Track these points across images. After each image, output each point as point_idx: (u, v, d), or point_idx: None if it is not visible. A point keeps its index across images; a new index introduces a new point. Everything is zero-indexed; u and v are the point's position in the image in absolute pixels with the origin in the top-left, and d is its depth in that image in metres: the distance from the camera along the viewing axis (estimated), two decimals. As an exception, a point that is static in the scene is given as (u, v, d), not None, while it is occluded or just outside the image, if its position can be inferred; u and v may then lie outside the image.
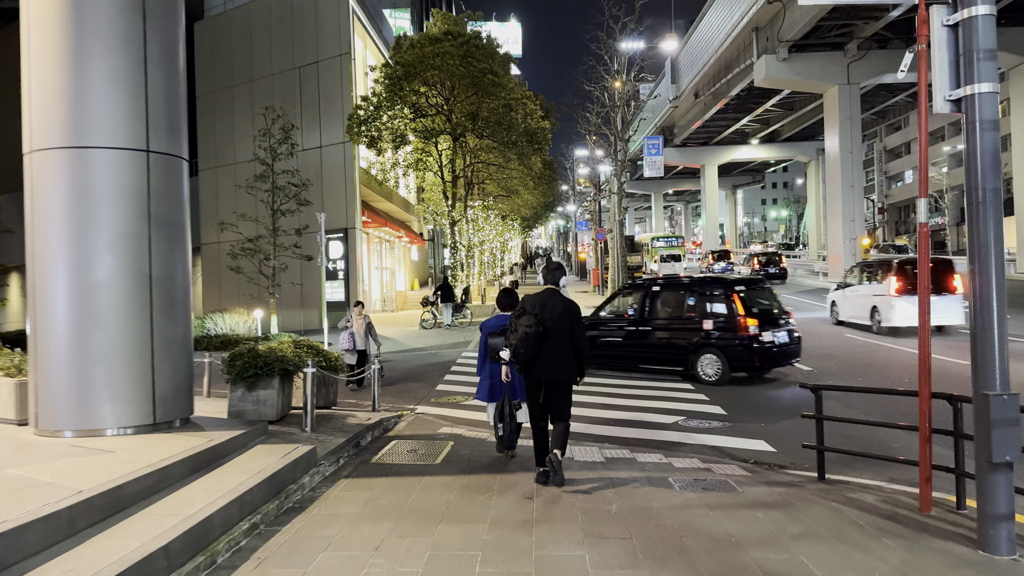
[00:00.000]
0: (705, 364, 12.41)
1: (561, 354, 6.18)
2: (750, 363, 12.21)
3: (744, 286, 12.85)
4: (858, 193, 35.71)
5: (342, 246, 25.31)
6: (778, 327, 12.54)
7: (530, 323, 6.08)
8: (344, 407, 10.92)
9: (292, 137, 22.36)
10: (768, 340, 12.19)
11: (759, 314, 12.39)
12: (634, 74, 25.08)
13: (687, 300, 13.05)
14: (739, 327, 12.18)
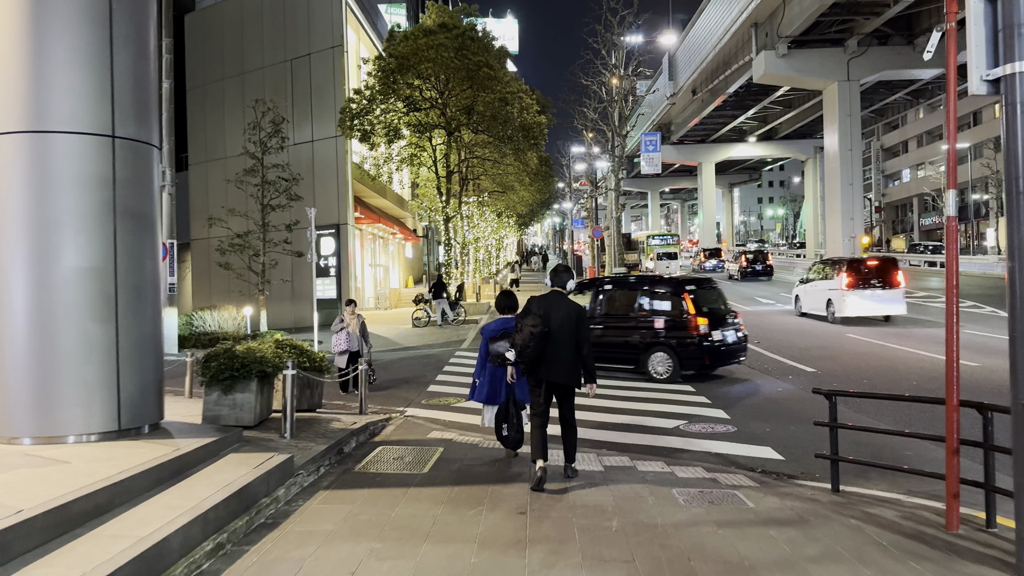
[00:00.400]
0: (656, 362, 12.59)
1: (566, 356, 6.19)
2: (700, 361, 12.45)
3: (694, 286, 13.17)
4: (857, 191, 35.34)
5: (334, 242, 24.82)
6: (726, 326, 12.82)
7: (535, 323, 6.08)
8: (332, 409, 10.45)
9: (282, 131, 21.88)
10: (718, 339, 12.47)
11: (709, 313, 12.63)
12: (632, 69, 24.61)
13: (639, 300, 13.28)
14: (690, 326, 12.43)
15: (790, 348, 16.08)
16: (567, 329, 6.17)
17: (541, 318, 6.12)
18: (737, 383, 12.29)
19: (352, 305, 12.01)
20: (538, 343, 6.06)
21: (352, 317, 11.65)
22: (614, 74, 24.13)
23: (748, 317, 22.47)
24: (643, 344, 12.73)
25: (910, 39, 34.75)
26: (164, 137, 22.36)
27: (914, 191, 77.25)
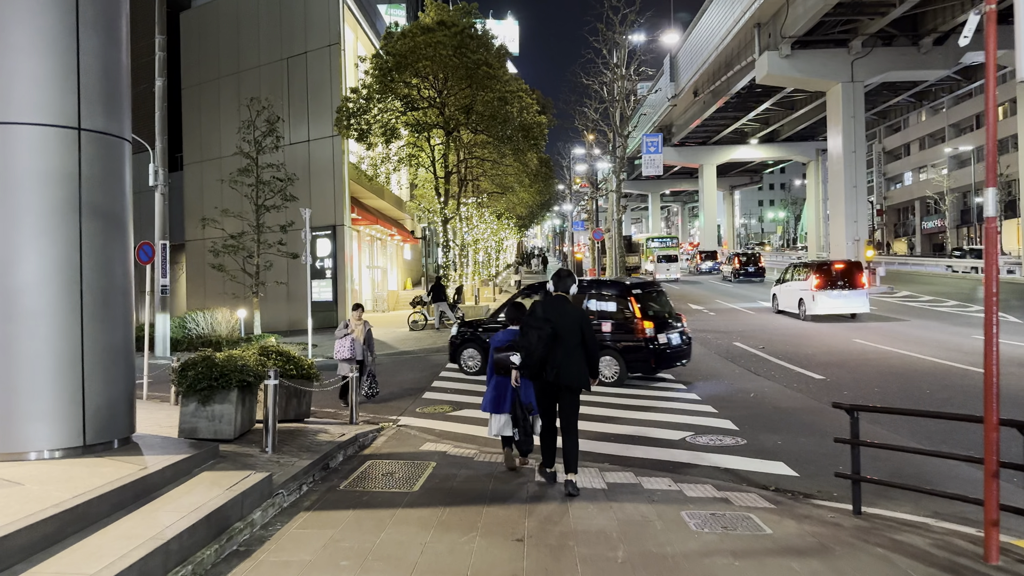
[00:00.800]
0: (603, 366, 12.43)
1: (573, 357, 6.24)
2: (646, 364, 12.61)
3: (640, 290, 13.30)
4: (861, 193, 34.88)
5: (330, 244, 24.37)
6: (671, 329, 13.03)
7: (542, 326, 6.17)
8: (322, 418, 10.01)
9: (277, 129, 21.45)
10: (663, 342, 12.63)
11: (654, 317, 12.80)
12: (634, 69, 24.17)
13: (586, 304, 13.19)
14: (636, 329, 12.56)
15: (796, 355, 15.62)
16: (573, 332, 6.23)
17: (547, 321, 6.19)
18: (744, 392, 11.83)
19: (359, 311, 11.11)
20: (545, 346, 6.12)
21: (358, 323, 10.89)
22: (616, 73, 23.67)
23: (736, 315, 25.15)
24: None
25: (915, 40, 34.31)
26: (157, 136, 21.93)
27: (916, 194, 76.85)
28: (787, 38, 33.64)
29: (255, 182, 21.29)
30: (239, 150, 21.49)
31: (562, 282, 6.57)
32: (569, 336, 6.20)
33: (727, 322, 22.69)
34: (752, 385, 12.36)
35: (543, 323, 6.18)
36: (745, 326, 21.41)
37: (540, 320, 6.23)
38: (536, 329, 6.16)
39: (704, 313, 25.67)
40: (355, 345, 10.56)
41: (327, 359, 18.06)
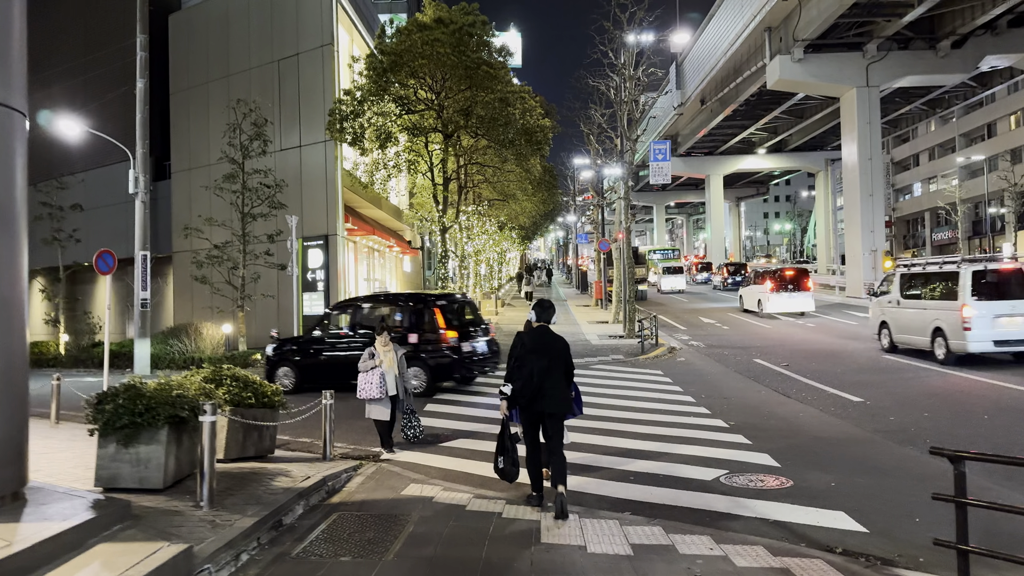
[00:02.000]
0: (411, 377, 12.48)
1: (559, 386, 6.43)
2: (451, 373, 13.00)
3: (445, 301, 13.72)
4: (878, 202, 33.54)
5: (322, 254, 23.05)
6: (476, 338, 13.54)
7: (538, 359, 6.33)
8: (295, 449, 8.66)
9: (264, 133, 20.20)
10: (468, 350, 13.10)
11: (459, 326, 13.23)
12: (642, 71, 22.88)
13: (394, 316, 13.65)
14: (440, 340, 12.89)
15: (823, 372, 14.23)
16: (558, 362, 6.44)
17: (541, 353, 6.36)
18: (774, 417, 10.45)
19: (385, 333, 8.85)
20: (540, 377, 6.27)
21: (386, 349, 8.66)
22: (623, 75, 22.40)
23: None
24: None
25: (932, 43, 33.06)
26: (138, 140, 20.68)
27: (926, 205, 75.53)
28: (800, 41, 32.42)
29: (241, 189, 20.02)
30: (224, 155, 20.24)
31: (545, 312, 6.71)
32: (555, 365, 6.41)
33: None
34: (784, 410, 10.97)
35: (537, 355, 6.35)
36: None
37: (533, 353, 6.38)
38: (532, 362, 6.32)
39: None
40: (385, 380, 8.49)
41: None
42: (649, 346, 18.53)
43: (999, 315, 13.96)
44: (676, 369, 15.56)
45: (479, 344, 13.55)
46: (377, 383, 8.39)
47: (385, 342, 8.72)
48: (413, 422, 8.83)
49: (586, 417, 10.50)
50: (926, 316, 15.40)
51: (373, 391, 8.40)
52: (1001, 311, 13.95)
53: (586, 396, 12.58)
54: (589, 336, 22.08)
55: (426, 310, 13.27)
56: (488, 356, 13.78)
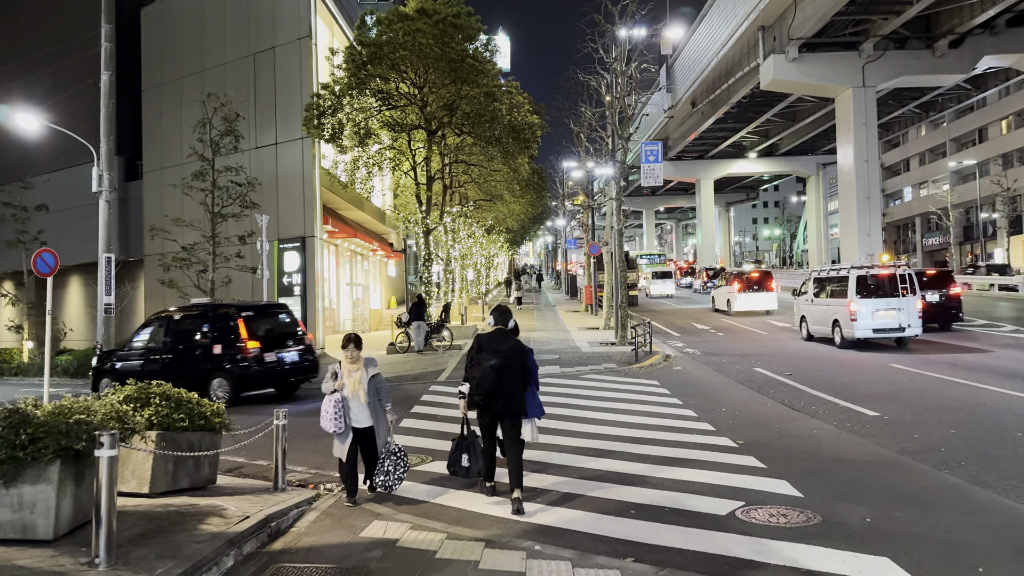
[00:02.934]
0: (216, 387, 12.79)
1: (516, 386, 6.63)
2: (253, 383, 13.01)
3: (253, 312, 13.73)
4: (875, 205, 32.74)
5: (299, 257, 21.92)
6: (286, 348, 13.55)
7: (491, 358, 6.54)
8: (242, 475, 7.57)
9: (236, 129, 19.09)
10: (272, 360, 13.07)
11: (265, 337, 13.22)
12: (635, 66, 21.92)
13: (202, 327, 13.68)
14: (242, 350, 12.93)
15: (831, 383, 13.25)
16: (516, 363, 6.64)
17: (495, 353, 6.57)
18: (787, 435, 9.43)
19: (351, 347, 6.77)
20: (495, 377, 6.49)
21: (353, 367, 6.73)
22: (616, 70, 21.43)
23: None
24: (205, 371, 12.98)
25: (929, 42, 32.33)
26: (102, 137, 19.49)
27: (916, 210, 75.16)
28: (795, 40, 31.61)
29: (211, 187, 18.89)
30: (194, 151, 19.11)
31: (502, 317, 7.00)
32: (512, 367, 6.60)
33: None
34: (797, 427, 9.95)
35: (491, 355, 6.57)
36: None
37: (487, 353, 6.62)
38: (487, 362, 6.54)
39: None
40: (346, 407, 6.63)
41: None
42: (643, 354, 17.51)
43: (877, 309, 17.62)
44: (673, 379, 14.53)
45: (288, 355, 13.57)
46: (332, 412, 6.51)
47: (353, 357, 6.72)
48: (388, 466, 6.67)
49: (579, 435, 9.47)
50: (828, 311, 19.07)
51: (328, 422, 6.56)
52: (879, 307, 17.64)
53: (577, 410, 11.58)
54: (579, 343, 21.04)
55: (230, 320, 13.29)
56: (301, 366, 13.79)
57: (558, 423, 10.31)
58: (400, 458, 6.74)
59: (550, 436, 9.40)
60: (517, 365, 6.64)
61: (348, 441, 6.62)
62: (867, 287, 17.93)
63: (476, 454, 6.79)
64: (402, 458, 6.75)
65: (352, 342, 6.79)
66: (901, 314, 17.51)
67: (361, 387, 6.68)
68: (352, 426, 6.67)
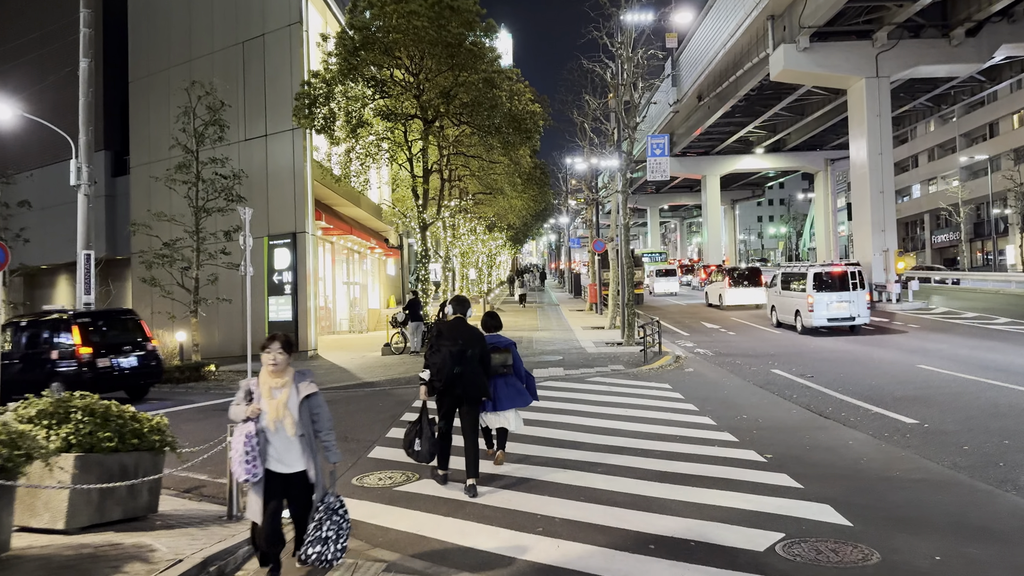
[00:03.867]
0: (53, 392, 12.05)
1: (476, 372, 6.85)
2: (87, 387, 12.65)
3: (91, 319, 14.13)
4: (889, 199, 31.58)
5: (290, 254, 20.88)
6: (124, 354, 13.93)
7: (452, 345, 6.73)
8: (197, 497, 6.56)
9: (223, 119, 18.10)
10: (105, 365, 13.46)
11: (101, 343, 13.61)
12: (641, 52, 20.89)
13: (43, 334, 14.11)
14: (75, 355, 13.33)
15: (856, 386, 12.21)
16: (475, 350, 6.83)
17: (455, 341, 6.77)
18: (819, 448, 8.39)
19: (275, 350, 4.59)
20: (456, 362, 6.67)
21: (277, 381, 4.58)
22: (620, 56, 20.39)
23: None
24: (45, 375, 12.86)
25: (945, 31, 31.18)
26: (81, 127, 18.43)
27: (925, 207, 74.07)
28: (806, 28, 30.48)
29: (195, 180, 17.91)
30: (176, 142, 18.14)
31: (460, 306, 7.34)
32: (472, 354, 6.76)
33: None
34: (828, 437, 8.91)
35: (451, 343, 6.72)
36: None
37: (448, 340, 6.76)
38: (447, 348, 6.68)
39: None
40: (266, 443, 4.51)
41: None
42: (652, 355, 16.46)
43: (831, 302, 20.33)
44: (686, 382, 13.49)
45: (125, 360, 13.94)
46: (243, 451, 4.34)
47: (276, 367, 4.52)
48: (328, 531, 4.53)
49: (585, 447, 8.44)
50: (792, 302, 21.90)
51: (238, 465, 4.38)
52: (832, 299, 20.33)
53: (583, 417, 10.53)
54: (584, 344, 20.01)
55: (66, 328, 13.69)
56: (141, 370, 14.21)
57: (561, 432, 9.28)
58: (343, 519, 4.63)
59: (553, 449, 8.38)
60: (476, 352, 6.82)
61: (261, 493, 4.46)
62: (823, 282, 20.53)
63: (427, 439, 6.82)
64: (345, 519, 4.65)
65: (278, 343, 4.55)
66: (852, 305, 20.24)
67: (288, 413, 4.47)
68: (274, 471, 4.49)
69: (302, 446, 4.55)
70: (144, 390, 14.79)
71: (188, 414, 12.42)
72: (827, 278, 20.52)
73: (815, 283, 20.46)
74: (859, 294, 20.34)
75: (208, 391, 15.62)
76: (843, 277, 20.52)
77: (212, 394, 15.04)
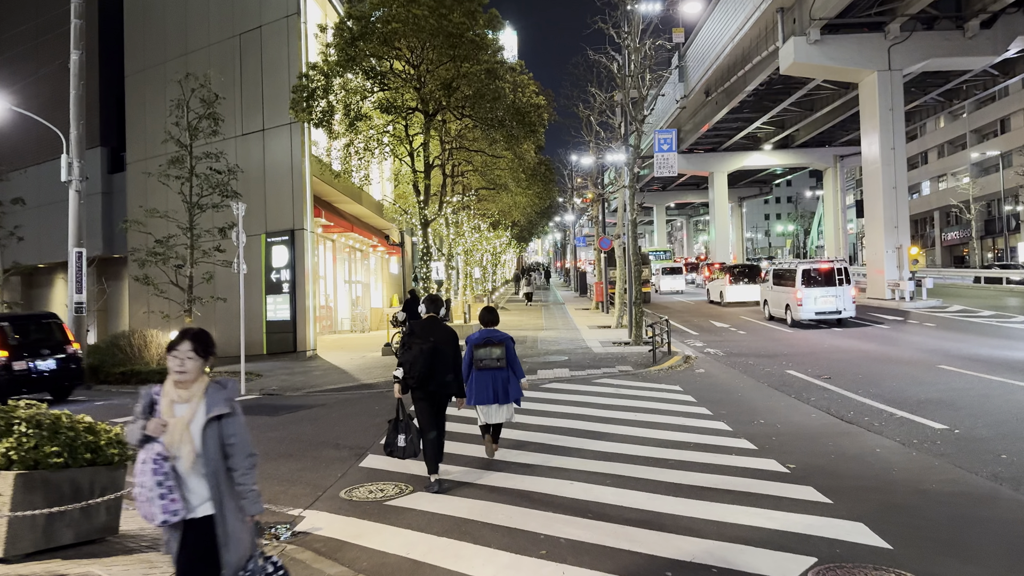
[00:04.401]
0: None
1: (447, 370, 7.01)
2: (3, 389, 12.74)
3: (8, 322, 14.30)
4: (902, 195, 30.86)
5: (288, 252, 20.35)
6: (43, 357, 14.01)
7: (424, 343, 6.82)
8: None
9: (217, 112, 17.57)
10: (21, 368, 13.56)
11: (19, 346, 13.69)
12: (650, 43, 20.27)
13: None
14: None
15: (875, 387, 11.59)
16: (447, 349, 7.01)
17: (427, 339, 6.87)
18: (844, 456, 7.79)
19: (188, 351, 3.32)
20: (428, 360, 6.78)
21: (183, 393, 3.32)
22: (628, 47, 19.79)
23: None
24: None
25: (959, 22, 30.46)
26: (72, 122, 17.94)
27: (935, 204, 73.27)
28: (817, 20, 29.82)
29: (188, 175, 17.38)
30: (169, 136, 17.61)
31: (433, 305, 7.48)
32: (444, 352, 6.95)
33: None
34: (853, 444, 8.30)
35: (423, 341, 6.85)
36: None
37: (420, 338, 6.89)
38: (419, 345, 6.81)
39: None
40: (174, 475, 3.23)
41: (268, 395, 14.07)
42: (661, 355, 15.87)
43: (819, 296, 21.52)
44: (698, 384, 12.89)
45: (44, 363, 14.00)
46: (150, 482, 3.17)
47: (187, 377, 3.32)
48: None
49: (592, 455, 7.86)
50: (783, 296, 23.06)
51: (148, 504, 3.18)
52: (819, 294, 21.52)
53: (590, 422, 9.92)
54: (591, 343, 19.42)
55: None
56: (60, 373, 14.21)
57: (567, 439, 8.70)
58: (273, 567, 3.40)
59: (558, 457, 7.80)
60: (448, 350, 7.01)
61: (177, 542, 3.30)
62: (811, 278, 21.82)
63: (412, 434, 6.81)
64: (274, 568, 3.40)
65: (187, 343, 3.34)
66: (838, 300, 21.50)
67: (188, 436, 3.26)
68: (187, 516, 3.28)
69: (207, 483, 3.26)
70: (67, 391, 14.82)
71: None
72: (815, 274, 21.89)
73: (803, 279, 21.75)
74: (844, 289, 21.58)
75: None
76: (829, 273, 21.80)
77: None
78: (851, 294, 21.74)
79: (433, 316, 7.34)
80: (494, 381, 7.47)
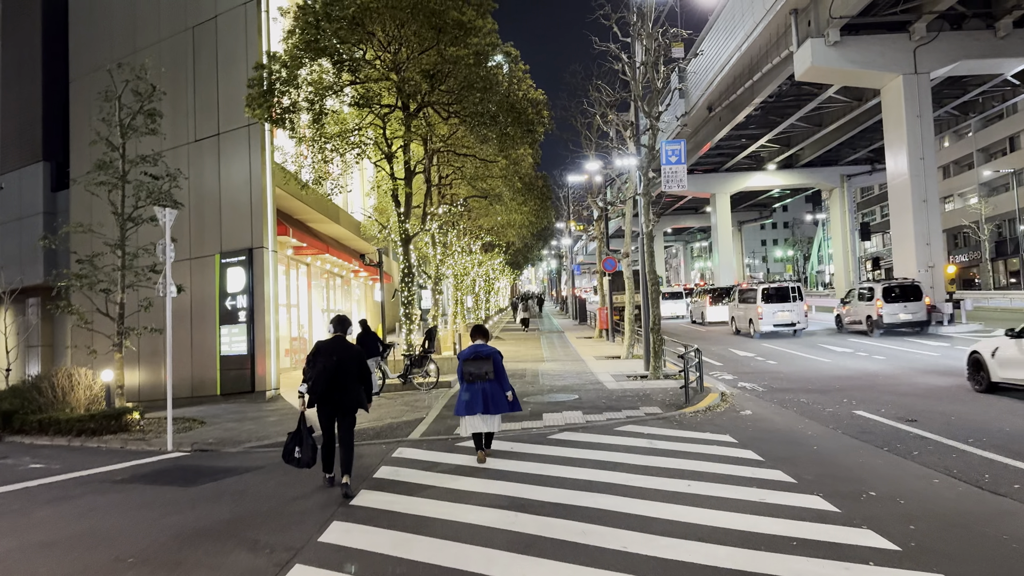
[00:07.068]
0: None
1: (351, 387, 7.42)
2: None
3: None
4: (933, 209, 28.21)
5: (244, 274, 17.37)
6: None
7: (327, 362, 7.25)
8: None
9: (154, 108, 14.75)
10: None
11: None
12: (662, 31, 17.63)
13: None
14: None
15: (984, 432, 8.67)
16: (352, 366, 7.44)
17: (332, 356, 7.31)
18: (916, 497, 4.85)
19: None
20: (329, 377, 7.22)
21: None
22: (640, 34, 17.12)
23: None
24: None
25: (990, 21, 28.09)
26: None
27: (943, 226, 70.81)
28: (836, 20, 27.40)
29: (118, 181, 14.50)
30: (98, 136, 14.76)
31: (340, 325, 7.82)
32: (348, 369, 7.38)
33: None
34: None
35: (327, 359, 7.26)
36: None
37: (325, 357, 7.29)
38: (323, 364, 7.23)
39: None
40: None
41: (200, 451, 10.79)
42: (693, 392, 12.92)
43: (776, 311, 25.95)
44: (751, 432, 9.93)
45: None
46: None
47: None
48: None
49: (635, 565, 4.89)
50: (747, 312, 27.24)
51: None
52: (776, 309, 25.99)
53: (623, 499, 6.42)
54: (602, 377, 16.45)
55: None
56: None
57: (593, 531, 5.68)
58: None
59: (584, 570, 4.82)
60: (352, 368, 7.42)
61: None
62: (769, 296, 26.35)
63: (308, 446, 7.22)
64: None
65: None
66: (792, 314, 26.01)
67: None
68: None
69: None
70: None
71: (41, 492, 8.72)
72: (772, 292, 26.52)
73: (763, 297, 26.39)
74: (798, 305, 26.19)
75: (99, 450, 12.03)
76: (784, 292, 26.56)
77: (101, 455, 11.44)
78: (803, 309, 26.24)
79: (339, 336, 7.70)
80: (483, 393, 8.24)
